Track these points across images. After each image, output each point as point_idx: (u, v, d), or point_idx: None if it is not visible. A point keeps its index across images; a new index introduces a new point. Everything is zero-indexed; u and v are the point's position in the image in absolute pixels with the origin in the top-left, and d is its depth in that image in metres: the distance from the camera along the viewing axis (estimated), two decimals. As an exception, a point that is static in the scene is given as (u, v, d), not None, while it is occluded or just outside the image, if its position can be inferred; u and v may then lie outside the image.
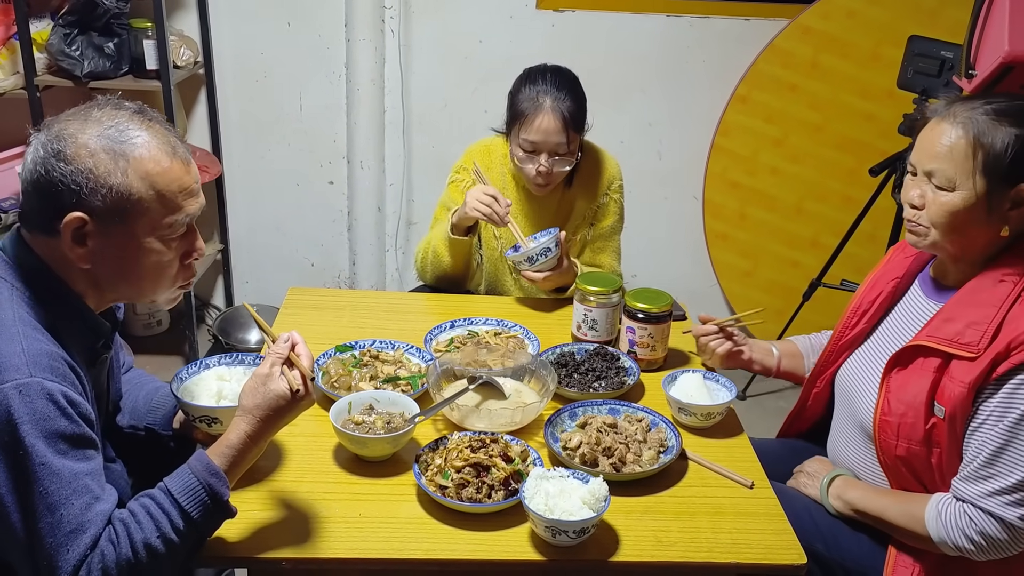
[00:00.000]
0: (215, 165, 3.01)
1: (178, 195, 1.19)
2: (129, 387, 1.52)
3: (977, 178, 1.36)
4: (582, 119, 2.02)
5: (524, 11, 2.96)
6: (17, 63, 2.66)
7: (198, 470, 1.16)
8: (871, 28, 2.92)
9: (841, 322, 1.66)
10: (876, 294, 1.62)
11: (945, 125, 1.39)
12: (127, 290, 1.24)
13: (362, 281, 3.30)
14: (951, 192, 1.38)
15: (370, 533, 1.28)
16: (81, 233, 1.15)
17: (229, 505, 1.18)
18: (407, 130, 3.09)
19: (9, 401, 1.06)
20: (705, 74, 3.05)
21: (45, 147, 1.14)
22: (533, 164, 1.99)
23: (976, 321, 1.37)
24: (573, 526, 1.24)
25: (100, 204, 1.14)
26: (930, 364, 1.40)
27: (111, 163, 1.14)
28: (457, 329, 1.88)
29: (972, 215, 1.38)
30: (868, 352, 1.61)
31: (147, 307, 3.15)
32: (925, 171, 1.42)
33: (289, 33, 2.96)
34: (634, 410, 1.58)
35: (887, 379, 1.47)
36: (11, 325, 1.12)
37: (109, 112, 1.18)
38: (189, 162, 1.22)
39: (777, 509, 1.40)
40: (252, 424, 1.20)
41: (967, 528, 1.36)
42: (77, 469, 1.10)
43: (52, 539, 1.07)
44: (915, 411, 1.41)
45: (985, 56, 2.12)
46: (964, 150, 1.36)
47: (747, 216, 3.16)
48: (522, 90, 2.01)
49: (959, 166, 1.37)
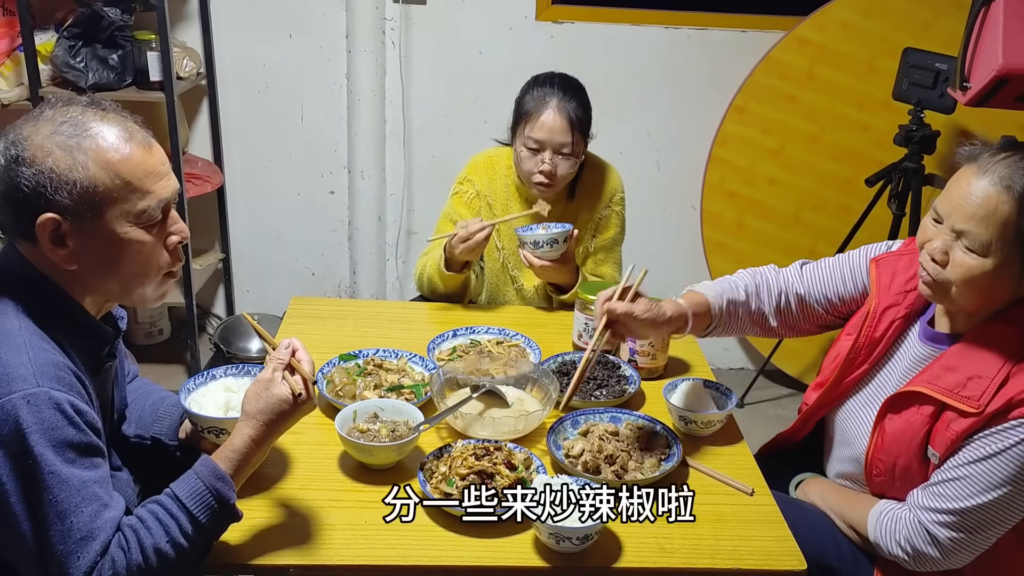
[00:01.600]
0: (217, 175, 3.03)
1: (145, 179, 1.17)
2: (135, 396, 1.52)
3: (1014, 247, 1.26)
4: (587, 123, 2.04)
5: (523, 22, 2.99)
6: (22, 74, 2.68)
7: (204, 475, 1.18)
8: (866, 40, 2.95)
9: (844, 358, 1.55)
10: (883, 331, 1.51)
11: (984, 183, 1.27)
12: (116, 286, 1.23)
13: (362, 290, 3.32)
14: (982, 258, 1.28)
15: (375, 540, 1.30)
16: (59, 234, 1.15)
17: (236, 508, 1.20)
18: (407, 140, 3.12)
19: (17, 411, 1.07)
20: (703, 85, 3.08)
21: (4, 155, 1.14)
22: (536, 162, 2.00)
23: (979, 375, 1.32)
24: (577, 533, 1.26)
25: (68, 201, 1.13)
26: (925, 411, 1.38)
27: (70, 159, 1.13)
28: (459, 338, 1.89)
29: (1000, 279, 1.30)
30: (867, 396, 1.55)
31: (148, 315, 3.16)
32: (955, 229, 1.30)
33: (290, 44, 2.98)
34: (636, 418, 1.59)
35: (881, 422, 1.44)
36: (17, 335, 1.13)
37: (60, 109, 1.17)
38: (151, 145, 1.20)
39: (777, 516, 1.42)
40: (256, 429, 1.22)
41: (897, 534, 1.39)
42: (86, 477, 1.11)
43: (63, 546, 1.08)
44: (909, 455, 1.41)
45: (979, 69, 2.15)
46: (1006, 216, 1.25)
47: (745, 225, 3.18)
48: (529, 92, 2.04)
49: (997, 232, 1.26)
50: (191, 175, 2.90)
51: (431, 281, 2.09)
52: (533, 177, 2.02)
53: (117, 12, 2.64)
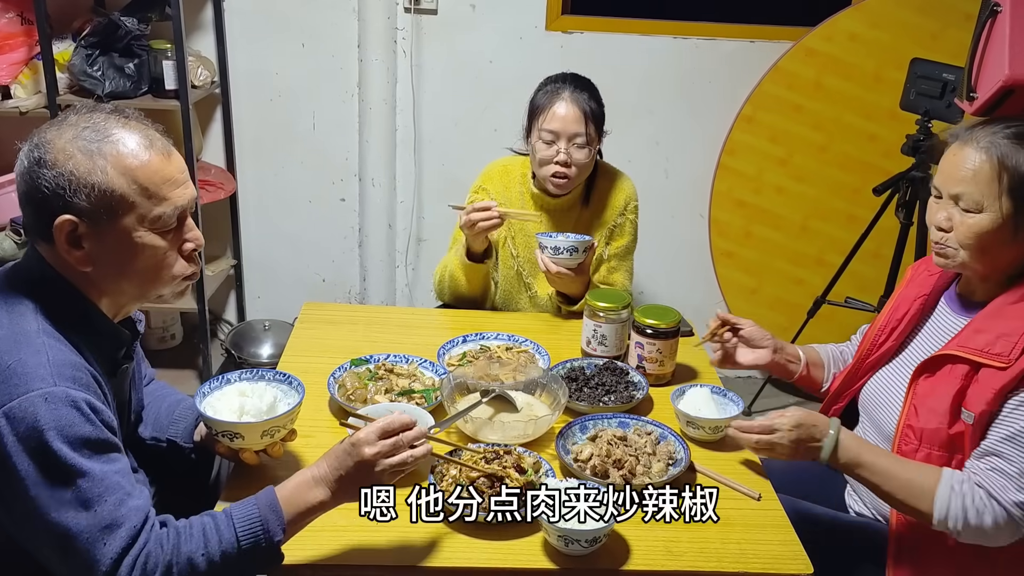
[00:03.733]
0: (229, 182, 3.07)
1: (162, 186, 1.20)
2: (151, 399, 1.55)
3: (1004, 200, 1.41)
4: (600, 116, 2.06)
5: (534, 32, 3.02)
6: (40, 83, 2.72)
7: (261, 502, 1.19)
8: (874, 50, 2.97)
9: (867, 341, 1.69)
10: (903, 312, 1.65)
11: (968, 150, 1.44)
12: (129, 288, 1.25)
13: (372, 297, 3.34)
14: (978, 214, 1.43)
15: (387, 541, 1.32)
16: (75, 236, 1.18)
17: (278, 547, 1.19)
18: (418, 148, 3.15)
19: (35, 409, 1.09)
20: (711, 95, 3.10)
21: (28, 157, 1.17)
22: (552, 152, 2.01)
23: (1006, 333, 1.42)
24: (585, 535, 1.27)
25: (86, 204, 1.16)
26: (958, 371, 1.45)
27: (90, 162, 1.16)
28: (469, 344, 1.91)
29: (1000, 236, 1.43)
30: (895, 368, 1.64)
31: (161, 321, 3.20)
32: (951, 194, 1.47)
33: (303, 54, 3.02)
34: (643, 423, 1.61)
35: (914, 385, 1.51)
36: (35, 336, 1.15)
37: (85, 115, 1.20)
38: (170, 153, 1.23)
39: (784, 520, 1.43)
40: (335, 498, 1.23)
41: (969, 508, 1.37)
42: (107, 468, 1.13)
43: (88, 535, 1.09)
44: (940, 417, 1.45)
45: (986, 79, 2.16)
46: (989, 173, 1.42)
47: (752, 234, 3.20)
48: (542, 89, 2.08)
49: (985, 189, 1.42)
50: (204, 182, 2.94)
51: (453, 278, 2.11)
52: (549, 169, 2.03)
53: (134, 22, 2.69)
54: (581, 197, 2.15)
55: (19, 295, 1.20)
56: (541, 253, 1.98)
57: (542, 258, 1.97)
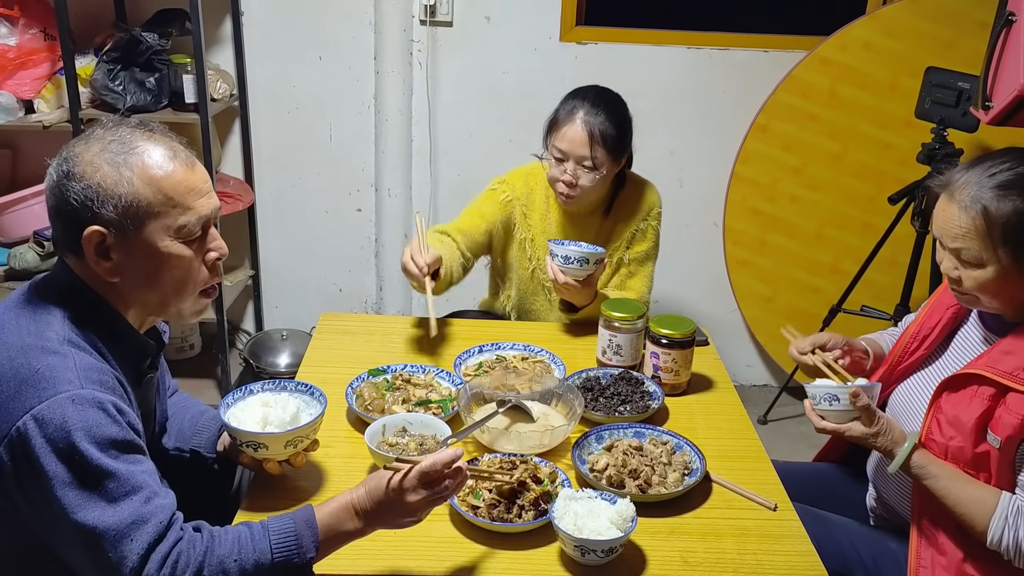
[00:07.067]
0: (248, 193, 3.10)
1: (186, 196, 1.23)
2: (175, 410, 1.57)
3: (1000, 252, 1.40)
4: (617, 140, 2.03)
5: (548, 44, 3.04)
6: (62, 97, 2.77)
7: (298, 518, 1.21)
8: (888, 60, 2.97)
9: (899, 347, 1.67)
10: (936, 320, 1.63)
11: (954, 209, 1.42)
12: (156, 298, 1.27)
13: (388, 306, 3.37)
14: (981, 268, 1.42)
15: (405, 551, 1.33)
16: (103, 247, 1.21)
17: (310, 565, 1.20)
18: (433, 159, 3.17)
19: (64, 410, 1.12)
20: (726, 104, 3.11)
21: (57, 171, 1.21)
22: (560, 170, 2.03)
23: None
24: (602, 545, 1.28)
25: (113, 215, 1.19)
26: (984, 392, 1.42)
27: (116, 174, 1.19)
28: (485, 354, 1.93)
29: (1008, 280, 1.42)
30: (922, 379, 1.62)
31: (180, 331, 3.23)
32: (951, 249, 1.46)
33: (320, 66, 3.06)
34: (659, 433, 1.62)
35: (937, 401, 1.49)
36: (61, 344, 1.18)
37: (111, 129, 1.24)
38: (193, 164, 1.26)
39: (800, 531, 1.43)
40: (370, 527, 1.24)
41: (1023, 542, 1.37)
42: (133, 468, 1.15)
43: (115, 532, 1.10)
44: (964, 436, 1.43)
45: (1001, 88, 2.16)
46: (980, 230, 1.40)
47: (767, 243, 3.20)
48: (564, 103, 2.08)
49: (980, 245, 1.40)
50: (223, 193, 2.97)
51: None
52: (557, 186, 2.06)
53: (155, 37, 2.73)
54: (603, 208, 2.16)
55: (47, 304, 1.23)
56: (551, 260, 1.97)
57: (551, 266, 1.97)
